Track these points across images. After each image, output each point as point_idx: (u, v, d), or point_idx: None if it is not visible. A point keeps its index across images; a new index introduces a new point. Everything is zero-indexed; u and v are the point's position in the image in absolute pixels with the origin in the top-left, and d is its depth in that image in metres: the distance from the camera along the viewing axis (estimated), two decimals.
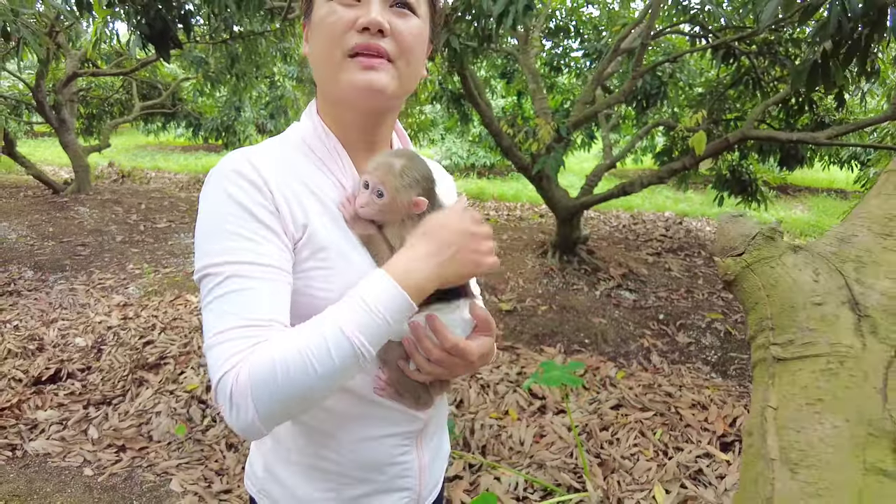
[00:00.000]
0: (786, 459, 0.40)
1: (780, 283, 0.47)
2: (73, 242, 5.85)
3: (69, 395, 3.17)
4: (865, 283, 0.46)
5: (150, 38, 3.55)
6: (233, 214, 0.69)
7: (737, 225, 0.51)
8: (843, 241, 0.50)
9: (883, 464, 0.38)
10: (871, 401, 0.40)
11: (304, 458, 0.83)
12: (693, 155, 4.04)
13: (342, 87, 0.74)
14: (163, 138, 15.43)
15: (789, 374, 0.44)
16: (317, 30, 0.75)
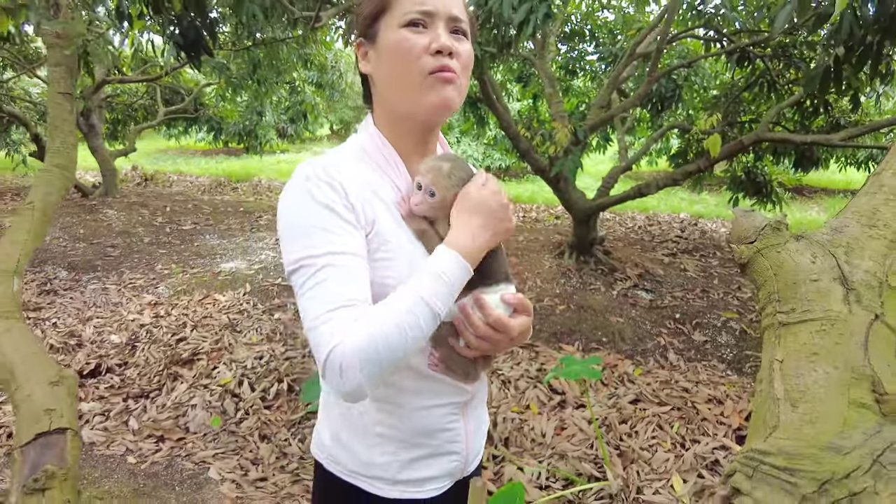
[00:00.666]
0: (788, 398, 0.52)
1: (784, 265, 0.59)
2: (103, 244, 6.05)
3: (109, 388, 3.33)
4: (853, 264, 0.57)
5: (183, 48, 3.71)
6: (319, 213, 0.81)
7: (749, 218, 0.62)
8: (836, 231, 0.61)
9: (863, 399, 0.50)
10: (855, 353, 0.52)
11: (369, 426, 0.94)
12: (708, 157, 4.12)
13: (421, 104, 0.86)
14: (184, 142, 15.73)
15: (792, 334, 0.55)
16: (387, 53, 0.86)
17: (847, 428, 0.48)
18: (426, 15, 0.84)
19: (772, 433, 0.50)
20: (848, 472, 0.45)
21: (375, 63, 0.89)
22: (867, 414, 0.49)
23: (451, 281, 0.79)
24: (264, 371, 3.42)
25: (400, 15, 0.84)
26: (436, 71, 0.83)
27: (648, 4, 6.47)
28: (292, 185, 0.84)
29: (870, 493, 0.43)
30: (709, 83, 6.18)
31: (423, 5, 0.83)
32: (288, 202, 0.84)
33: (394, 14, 0.85)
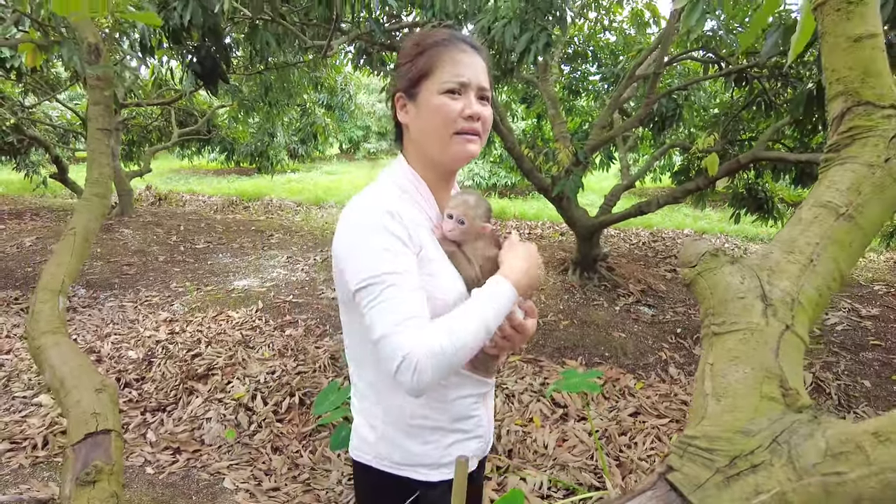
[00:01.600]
0: (715, 394, 0.64)
1: (718, 285, 0.71)
2: (119, 262, 6.23)
3: (127, 402, 3.46)
4: (773, 284, 0.69)
5: (200, 76, 3.90)
6: (383, 238, 0.96)
7: (693, 246, 0.75)
8: (764, 257, 0.73)
9: (772, 394, 0.62)
10: (768, 357, 0.64)
11: (412, 419, 1.09)
12: (707, 175, 4.24)
13: (449, 154, 1.05)
14: (196, 162, 16.02)
15: (721, 342, 0.67)
16: (427, 112, 1.03)
17: (757, 416, 0.60)
18: (461, 85, 1.01)
19: (700, 422, 0.62)
20: (752, 450, 0.57)
21: (414, 116, 1.06)
22: (774, 405, 0.61)
23: (503, 305, 1.00)
24: (276, 385, 3.54)
25: (440, 82, 1.01)
26: (464, 132, 1.03)
27: (649, 26, 6.64)
28: (354, 214, 1.01)
29: (766, 465, 0.55)
30: (709, 103, 6.31)
31: (459, 77, 1.01)
32: (352, 228, 1.00)
33: (434, 80, 1.02)
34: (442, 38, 1.04)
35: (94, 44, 1.54)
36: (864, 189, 0.72)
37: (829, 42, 0.78)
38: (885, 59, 0.76)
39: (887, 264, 6.88)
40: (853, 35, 0.76)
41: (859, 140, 0.75)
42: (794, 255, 0.71)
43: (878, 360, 4.02)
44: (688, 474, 0.58)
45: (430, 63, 1.03)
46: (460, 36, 1.05)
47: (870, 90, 0.76)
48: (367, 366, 1.10)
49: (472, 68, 1.03)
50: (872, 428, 0.51)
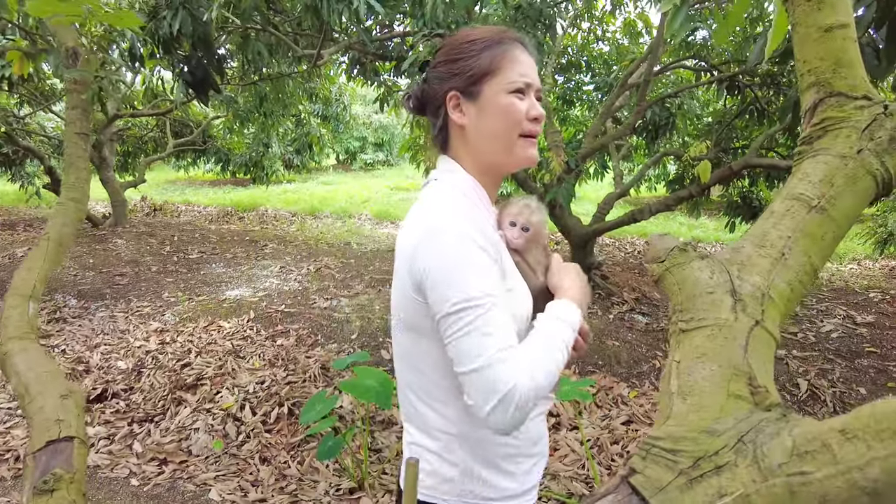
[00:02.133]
0: (681, 392, 0.61)
1: (687, 280, 0.69)
2: (112, 272, 6.19)
3: (115, 412, 3.41)
4: (743, 279, 0.67)
5: (191, 85, 3.90)
6: (480, 258, 0.88)
7: (662, 241, 0.72)
8: (734, 251, 0.71)
9: (740, 392, 0.59)
10: (736, 353, 0.61)
11: (499, 449, 1.00)
12: (700, 183, 4.23)
13: (514, 158, 1.00)
14: (192, 173, 16.02)
15: (689, 339, 0.65)
16: (493, 112, 0.97)
17: (723, 415, 0.57)
18: (527, 86, 0.97)
19: (665, 422, 0.60)
20: (717, 450, 0.54)
21: (473, 117, 0.99)
22: (742, 403, 0.58)
23: (574, 329, 0.96)
24: (265, 395, 3.50)
25: (507, 82, 0.96)
26: (528, 135, 0.99)
27: (642, 36, 6.68)
28: (439, 234, 0.89)
29: (731, 466, 0.53)
30: (702, 111, 6.33)
31: (525, 77, 0.97)
32: (442, 249, 0.88)
33: (501, 79, 0.96)
34: (503, 36, 0.99)
35: (72, 48, 1.53)
36: (837, 181, 0.70)
37: (801, 33, 0.76)
38: (857, 50, 0.74)
39: (882, 272, 6.87)
40: (824, 25, 0.74)
41: (832, 131, 0.73)
42: (765, 248, 0.69)
43: (874, 367, 3.99)
44: (650, 477, 0.55)
45: (495, 61, 0.97)
46: (515, 35, 1.01)
47: (842, 81, 0.74)
48: (447, 400, 0.98)
49: (533, 69, 0.99)
50: (839, 425, 0.49)
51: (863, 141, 0.71)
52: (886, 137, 0.70)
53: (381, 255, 7.41)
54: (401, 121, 8.52)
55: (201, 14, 3.22)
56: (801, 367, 3.96)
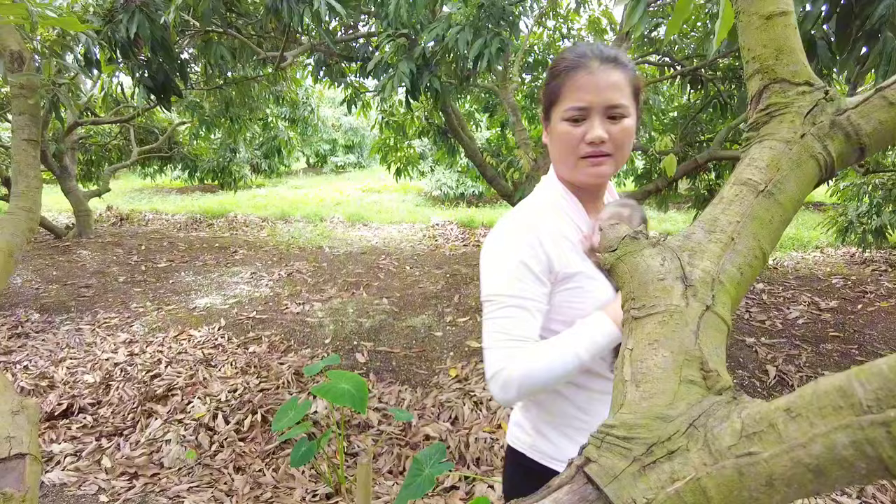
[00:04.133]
0: (634, 380, 0.61)
1: (639, 268, 0.69)
2: (76, 284, 6.02)
3: (81, 427, 3.32)
4: (693, 265, 0.67)
5: (152, 90, 3.81)
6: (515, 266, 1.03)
7: (613, 230, 0.73)
8: (686, 238, 0.71)
9: (692, 377, 0.59)
10: (688, 339, 0.61)
11: (566, 420, 1.15)
12: (665, 176, 4.30)
13: (577, 177, 1.08)
14: (159, 181, 15.70)
15: (641, 326, 0.65)
16: (556, 138, 1.08)
17: (676, 401, 0.57)
18: (581, 110, 1.03)
19: (619, 410, 0.60)
20: (669, 436, 0.54)
21: (549, 139, 1.12)
22: (694, 388, 0.58)
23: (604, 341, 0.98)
24: (238, 403, 3.44)
25: (563, 110, 1.04)
26: (588, 156, 1.05)
27: (607, 33, 6.76)
28: (500, 235, 1.08)
29: (682, 450, 0.53)
30: (667, 106, 6.43)
31: (579, 102, 1.02)
32: (495, 248, 1.08)
33: (560, 107, 1.05)
34: (569, 63, 1.04)
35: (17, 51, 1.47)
36: (783, 165, 0.71)
37: (744, 21, 0.77)
38: (798, 37, 0.75)
39: (844, 258, 7.08)
40: (765, 13, 0.75)
41: (776, 117, 0.75)
42: (715, 234, 0.69)
43: (838, 350, 4.10)
44: (604, 465, 0.55)
45: (557, 90, 1.06)
46: (593, 52, 1.04)
47: (784, 67, 0.75)
48: None
49: (597, 89, 1.02)
50: (785, 404, 0.49)
51: (805, 126, 0.72)
52: (828, 122, 0.72)
53: (353, 257, 7.36)
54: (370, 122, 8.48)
55: (159, 17, 3.15)
56: (769, 354, 4.04)
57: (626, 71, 1.05)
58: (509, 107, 5.38)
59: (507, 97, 5.38)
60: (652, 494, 0.51)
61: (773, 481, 0.47)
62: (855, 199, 6.68)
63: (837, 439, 0.44)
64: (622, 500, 0.52)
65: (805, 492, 0.47)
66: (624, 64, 1.05)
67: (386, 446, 3.07)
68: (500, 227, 1.09)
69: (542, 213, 1.10)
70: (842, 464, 0.44)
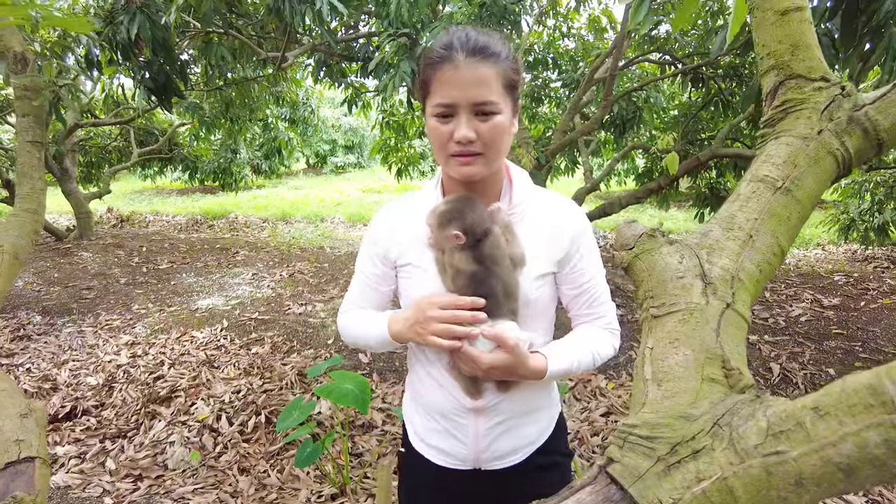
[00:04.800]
0: (655, 379, 0.60)
1: (656, 265, 0.68)
2: (78, 286, 6.02)
3: (85, 430, 3.31)
4: (712, 262, 0.67)
5: (153, 91, 3.81)
6: (367, 247, 1.22)
7: (630, 228, 0.72)
8: (703, 235, 0.71)
9: (714, 375, 0.59)
10: (709, 337, 0.61)
11: (415, 395, 1.25)
12: (667, 174, 4.29)
13: (450, 174, 1.07)
14: (159, 182, 15.69)
15: (660, 325, 0.64)
16: (429, 132, 1.05)
17: (699, 399, 0.57)
18: (450, 107, 0.98)
19: (640, 409, 0.59)
20: (693, 435, 0.54)
21: (427, 132, 1.08)
22: (717, 387, 0.58)
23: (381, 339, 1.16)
24: (242, 405, 3.43)
25: (432, 105, 1.00)
26: (457, 155, 1.01)
27: (606, 32, 6.75)
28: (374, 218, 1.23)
29: (708, 450, 0.52)
30: (668, 104, 6.42)
31: (445, 98, 0.98)
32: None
33: (430, 101, 1.01)
34: (436, 55, 0.99)
35: (20, 52, 1.46)
36: (800, 162, 0.71)
37: (758, 17, 0.77)
38: (813, 32, 0.75)
39: (845, 255, 7.07)
40: (780, 9, 0.74)
41: (792, 113, 0.74)
42: (733, 231, 0.69)
43: (841, 348, 4.10)
44: (628, 465, 0.55)
45: (427, 83, 1.02)
46: (460, 43, 0.98)
47: (800, 63, 0.74)
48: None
49: (462, 85, 0.96)
50: (812, 403, 0.49)
51: (822, 122, 0.72)
52: (845, 118, 0.71)
53: (355, 258, 7.34)
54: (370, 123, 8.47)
55: (159, 18, 3.14)
56: (772, 352, 4.04)
57: (496, 63, 0.98)
58: None
59: None
60: (678, 494, 0.50)
61: (803, 481, 0.46)
62: (856, 197, 6.68)
63: (869, 438, 0.43)
64: (647, 500, 0.51)
65: (835, 491, 0.46)
66: (495, 54, 0.98)
67: (390, 446, 3.06)
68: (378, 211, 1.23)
69: (406, 203, 1.19)
70: (873, 462, 0.43)
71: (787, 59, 0.75)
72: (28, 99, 1.47)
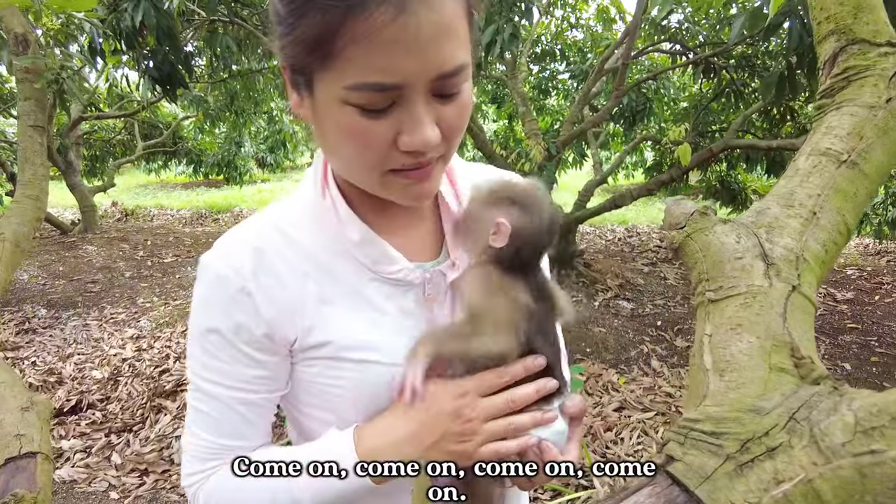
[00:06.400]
0: (716, 368, 0.55)
1: (711, 246, 0.62)
2: (83, 280, 5.99)
3: (91, 424, 3.28)
4: (773, 241, 0.61)
5: (158, 81, 3.75)
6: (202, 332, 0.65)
7: (680, 206, 0.66)
8: (759, 213, 0.65)
9: (782, 364, 0.53)
10: (775, 322, 0.55)
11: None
12: (679, 166, 4.22)
13: (383, 195, 0.63)
14: (164, 176, 15.67)
15: (719, 310, 0.58)
16: (332, 126, 0.56)
17: (767, 391, 0.51)
18: (391, 90, 0.52)
19: (702, 402, 0.53)
20: (766, 431, 0.48)
21: (313, 120, 0.59)
22: (786, 377, 0.52)
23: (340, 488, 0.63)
24: None
25: (346, 80, 0.51)
26: (405, 170, 0.58)
27: (615, 22, 6.66)
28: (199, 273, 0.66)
29: (785, 447, 0.47)
30: (678, 95, 6.33)
31: (384, 76, 0.51)
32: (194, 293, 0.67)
33: (337, 74, 0.52)
34: None
35: (22, 34, 1.42)
36: (867, 133, 0.65)
37: None
38: None
39: (857, 249, 6.98)
40: None
41: (856, 81, 0.68)
42: (793, 208, 0.63)
43: (857, 342, 4.03)
44: (692, 464, 0.49)
45: (327, 40, 0.50)
46: None
47: (864, 27, 0.68)
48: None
49: (419, 45, 0.50)
50: None
51: (891, 89, 0.66)
52: None
53: None
54: None
55: (164, 4, 3.08)
56: None
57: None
58: (519, 96, 5.30)
59: (517, 86, 5.30)
60: (755, 498, 0.45)
61: None
62: None
63: None
64: (718, 503, 0.46)
65: None
66: None
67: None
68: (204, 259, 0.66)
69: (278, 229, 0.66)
70: None
71: (849, 23, 0.69)
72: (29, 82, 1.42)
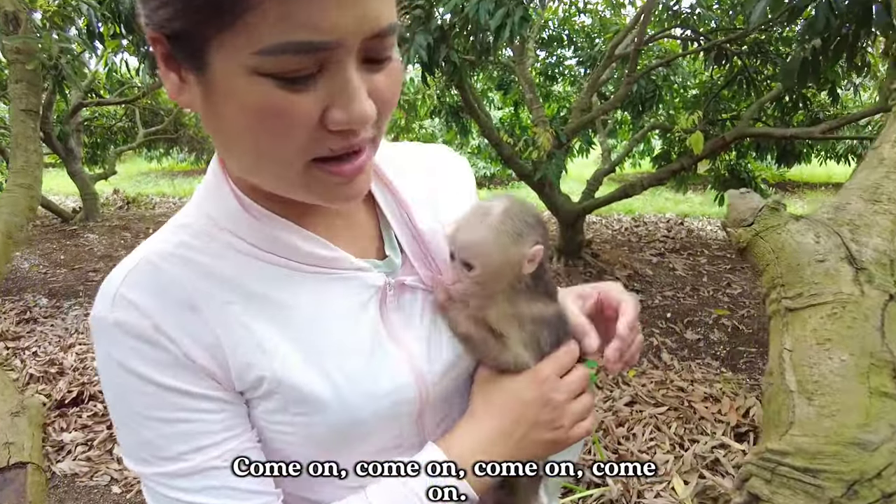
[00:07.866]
0: (803, 390, 0.47)
1: (786, 247, 0.55)
2: (84, 269, 5.93)
3: (92, 416, 3.23)
4: (860, 242, 0.53)
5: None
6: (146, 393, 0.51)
7: (745, 200, 0.58)
8: (838, 209, 0.57)
9: (885, 388, 0.45)
10: (872, 337, 0.47)
11: None
12: (691, 155, 4.12)
13: (302, 196, 0.51)
14: (165, 164, 15.58)
15: (800, 320, 0.51)
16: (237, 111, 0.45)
17: (871, 420, 0.43)
18: (317, 49, 0.41)
19: (788, 430, 0.46)
20: (878, 471, 0.40)
21: (204, 105, 0.47)
22: (891, 403, 0.44)
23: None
24: None
25: (257, 41, 0.40)
26: (330, 159, 0.47)
27: (624, 7, 6.54)
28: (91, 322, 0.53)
29: None
30: (688, 82, 6.22)
31: (313, 31, 0.41)
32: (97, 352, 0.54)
33: (246, 37, 0.40)
34: None
35: (13, 12, 1.33)
36: None
37: None
38: None
39: None
40: None
41: None
42: (881, 203, 0.55)
43: None
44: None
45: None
46: None
47: None
48: None
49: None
50: None
51: None
52: None
53: None
54: None
55: None
56: None
57: None
58: (526, 82, 5.20)
59: (524, 72, 5.19)
60: None
61: None
62: None
63: None
64: None
65: None
66: None
67: None
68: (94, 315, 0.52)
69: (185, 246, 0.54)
70: None
71: None
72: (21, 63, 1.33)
